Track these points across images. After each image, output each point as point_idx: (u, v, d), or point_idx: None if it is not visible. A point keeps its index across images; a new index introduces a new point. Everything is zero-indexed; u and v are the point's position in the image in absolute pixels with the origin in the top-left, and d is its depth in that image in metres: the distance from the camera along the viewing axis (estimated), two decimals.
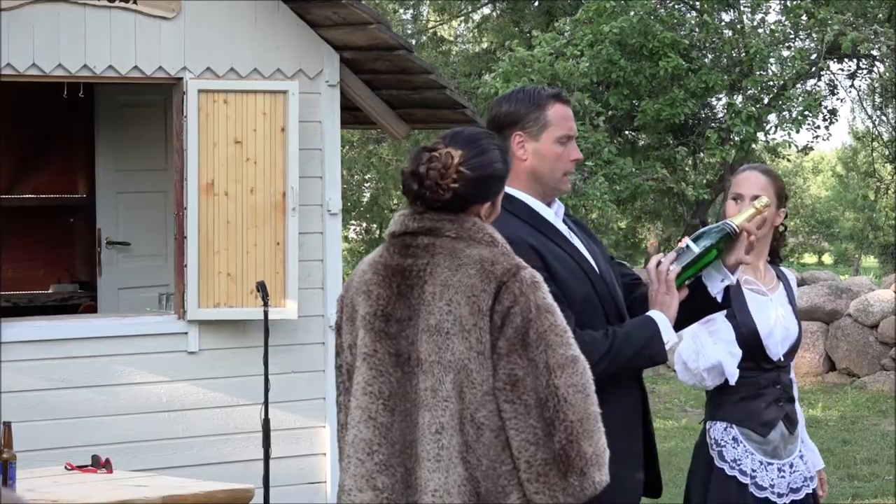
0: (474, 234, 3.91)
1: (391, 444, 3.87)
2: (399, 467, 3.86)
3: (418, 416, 3.84)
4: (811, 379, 15.08)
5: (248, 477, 7.48)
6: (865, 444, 11.88)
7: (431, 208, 3.91)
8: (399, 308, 3.90)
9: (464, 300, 3.82)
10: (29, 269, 11.04)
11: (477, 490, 3.79)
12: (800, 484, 5.29)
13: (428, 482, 3.80)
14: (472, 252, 3.87)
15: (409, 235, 3.94)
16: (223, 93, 8.77)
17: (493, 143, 4.01)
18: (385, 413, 3.89)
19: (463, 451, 3.79)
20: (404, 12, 25.70)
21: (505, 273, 3.82)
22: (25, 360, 8.39)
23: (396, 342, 3.89)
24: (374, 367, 3.91)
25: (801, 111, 18.36)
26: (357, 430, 3.93)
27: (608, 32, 17.23)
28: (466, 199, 3.91)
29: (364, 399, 3.92)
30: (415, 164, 3.90)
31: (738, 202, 5.22)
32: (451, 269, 3.86)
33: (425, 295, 3.86)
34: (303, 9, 8.98)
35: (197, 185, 8.71)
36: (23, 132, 10.61)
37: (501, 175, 3.98)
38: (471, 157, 3.90)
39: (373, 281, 3.95)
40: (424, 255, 3.90)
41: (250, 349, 8.47)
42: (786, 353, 5.27)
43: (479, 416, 3.80)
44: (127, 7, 8.57)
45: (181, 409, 8.78)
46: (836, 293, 15.53)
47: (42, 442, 7.93)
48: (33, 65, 8.34)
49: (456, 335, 3.81)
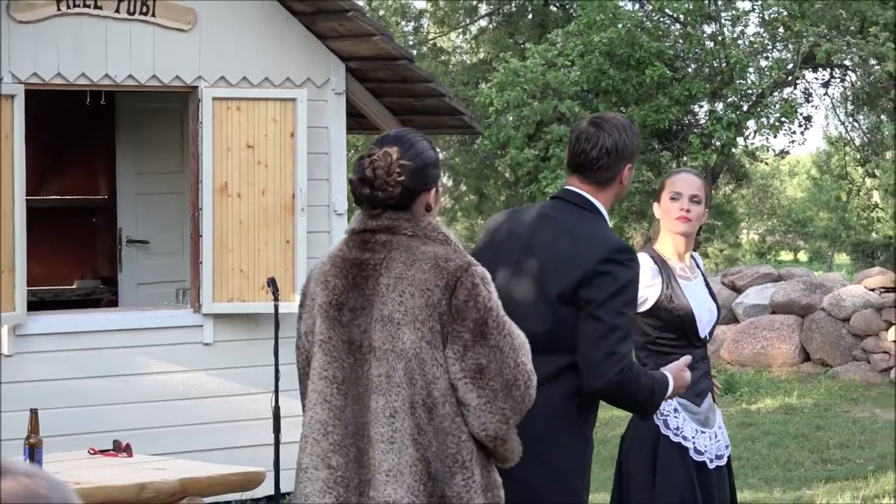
0: (429, 232, 3.93)
1: (344, 425, 3.90)
2: (352, 447, 3.89)
3: (370, 401, 3.87)
4: (787, 369, 15.08)
5: (260, 460, 7.48)
6: (838, 429, 11.88)
7: (386, 207, 3.93)
8: (353, 298, 3.92)
9: (417, 293, 3.84)
10: (54, 265, 11.05)
11: (428, 470, 3.82)
12: (722, 451, 5.45)
13: (382, 462, 3.83)
14: (426, 249, 3.89)
15: (369, 233, 3.96)
16: (236, 100, 8.77)
17: (417, 136, 4.08)
18: (339, 396, 3.92)
19: (414, 434, 3.82)
20: (406, 25, 25.68)
21: (458, 269, 3.84)
22: (51, 350, 8.40)
23: (349, 330, 3.92)
24: (328, 353, 3.94)
25: (778, 117, 18.36)
26: (313, 412, 3.97)
27: (598, 43, 17.22)
28: (413, 189, 3.93)
29: (320, 383, 3.95)
30: (360, 172, 3.93)
31: (676, 200, 5.42)
32: (406, 263, 3.88)
33: (379, 286, 3.89)
34: (311, 21, 8.98)
35: (211, 187, 8.71)
36: (48, 137, 10.61)
37: (435, 161, 4.04)
38: (405, 151, 3.95)
39: (331, 272, 3.98)
40: (382, 251, 3.93)
41: (261, 341, 8.48)
42: (710, 331, 5.47)
43: (430, 401, 3.82)
44: (146, 20, 8.57)
45: (197, 397, 8.78)
46: (810, 288, 15.52)
47: (66, 428, 7.93)
48: (58, 74, 8.34)
49: (407, 325, 3.83)
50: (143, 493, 5.74)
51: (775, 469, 10.09)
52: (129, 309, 9.77)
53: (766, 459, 10.42)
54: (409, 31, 25.60)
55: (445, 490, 3.82)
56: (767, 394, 13.71)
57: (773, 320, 15.54)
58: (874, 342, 14.82)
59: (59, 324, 8.55)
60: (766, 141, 19.62)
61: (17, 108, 8.15)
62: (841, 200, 26.63)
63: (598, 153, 4.55)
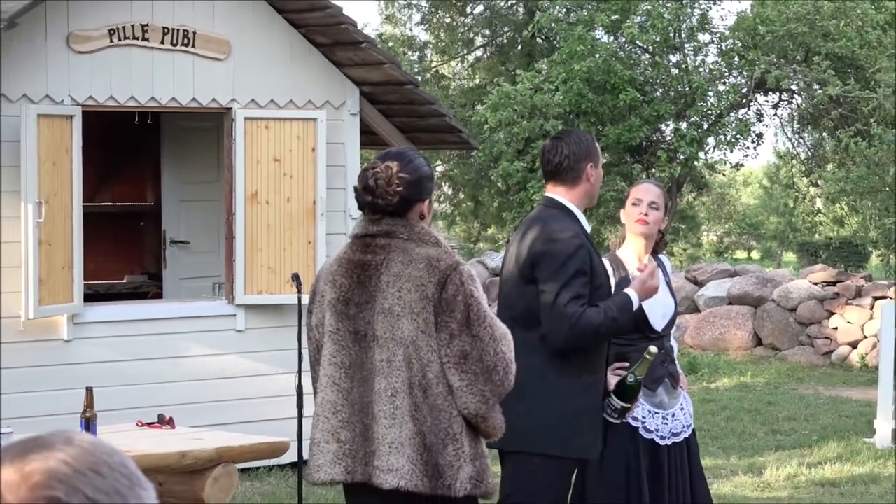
0: (423, 236, 3.94)
1: (351, 404, 3.91)
2: (358, 423, 3.90)
3: (374, 382, 3.87)
4: (742, 352, 15.06)
5: (285, 431, 7.47)
6: (786, 405, 11.87)
7: (385, 213, 3.93)
8: (358, 294, 3.93)
9: (413, 288, 3.85)
10: (107, 263, 11.05)
11: (424, 442, 3.83)
12: (679, 430, 5.45)
13: (385, 436, 3.84)
14: (420, 251, 3.90)
15: (370, 237, 3.97)
16: (265, 120, 8.76)
17: (415, 153, 4.08)
18: (346, 380, 3.93)
19: (412, 411, 3.83)
20: (412, 54, 25.66)
21: (448, 268, 3.86)
22: (104, 336, 8.40)
23: (355, 322, 3.92)
24: (337, 343, 3.95)
25: (734, 135, 18.32)
26: (324, 393, 3.97)
27: (578, 71, 17.20)
28: (409, 199, 3.94)
29: (329, 368, 3.95)
30: (363, 181, 3.95)
31: (637, 205, 5.44)
32: (403, 263, 3.89)
33: (381, 284, 3.89)
34: (330, 51, 8.98)
35: (243, 195, 8.71)
36: (103, 152, 10.61)
37: (430, 175, 4.05)
38: (404, 165, 3.95)
39: (338, 272, 3.98)
40: (381, 253, 3.93)
41: (286, 328, 8.47)
42: (666, 325, 5.46)
43: (425, 382, 3.84)
44: (187, 50, 8.56)
45: (230, 377, 8.78)
46: (762, 282, 15.51)
47: (117, 403, 7.93)
48: (111, 97, 8.34)
49: (405, 317, 3.84)
50: (183, 459, 5.74)
51: (732, 439, 10.08)
52: (172, 301, 9.77)
53: (723, 431, 10.41)
54: (414, 59, 25.57)
55: (439, 459, 3.83)
56: (725, 374, 13.71)
57: (730, 310, 15.53)
58: (817, 329, 14.82)
59: (112, 313, 8.55)
60: (723, 155, 19.64)
61: (75, 126, 8.14)
62: (788, 207, 26.60)
63: (560, 158, 4.68)
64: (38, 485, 1.27)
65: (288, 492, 8.29)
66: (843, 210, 20.57)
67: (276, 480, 8.64)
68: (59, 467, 1.29)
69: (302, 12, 8.80)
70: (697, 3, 18.64)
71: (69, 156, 8.10)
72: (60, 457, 1.30)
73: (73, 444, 1.31)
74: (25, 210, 7.92)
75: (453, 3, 24.96)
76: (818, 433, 10.35)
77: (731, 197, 36.31)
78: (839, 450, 9.62)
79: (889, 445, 9.70)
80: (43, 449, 1.31)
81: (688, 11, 18.37)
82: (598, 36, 18.61)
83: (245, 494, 8.18)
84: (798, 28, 17.15)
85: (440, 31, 25.59)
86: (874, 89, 16.36)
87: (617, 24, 18.06)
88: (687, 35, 18.53)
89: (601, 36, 18.76)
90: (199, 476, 5.78)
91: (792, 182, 22.94)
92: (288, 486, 8.43)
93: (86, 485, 1.28)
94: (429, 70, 25.41)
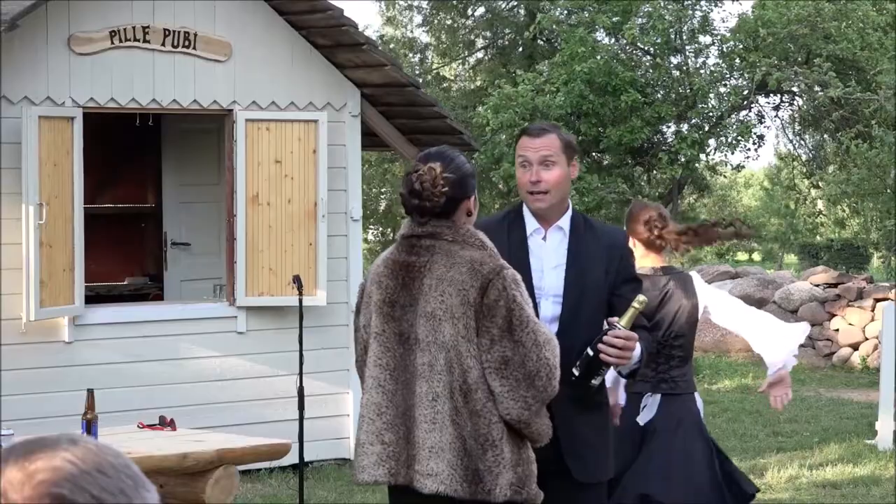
0: (467, 238, 3.90)
1: (395, 407, 3.89)
2: (401, 426, 3.88)
3: (416, 386, 3.86)
4: (744, 354, 15.06)
5: (286, 433, 7.48)
6: (788, 406, 11.83)
7: (433, 216, 3.91)
8: (403, 296, 3.90)
9: (455, 292, 3.82)
10: (108, 264, 11.04)
11: (464, 447, 3.81)
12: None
13: (425, 440, 3.82)
14: (464, 253, 3.86)
15: (415, 238, 3.93)
16: (266, 121, 8.77)
17: (455, 151, 4.04)
18: (391, 381, 3.91)
19: (453, 415, 3.81)
20: (413, 56, 25.67)
21: (491, 272, 3.82)
22: (105, 338, 8.40)
23: (400, 324, 3.90)
24: (382, 344, 3.93)
25: (735, 137, 18.34)
26: (369, 395, 3.95)
27: (579, 72, 17.21)
28: (456, 198, 3.91)
29: (375, 370, 3.93)
30: (409, 186, 3.90)
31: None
32: (447, 266, 3.85)
33: (424, 286, 3.87)
34: (331, 53, 8.99)
35: (244, 197, 8.71)
36: (103, 154, 10.61)
37: (472, 172, 4.01)
38: (447, 165, 3.91)
39: (384, 273, 3.96)
40: (426, 254, 3.90)
41: (288, 330, 8.48)
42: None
43: (466, 387, 3.81)
44: (188, 52, 8.57)
45: (232, 379, 8.78)
46: (763, 284, 15.51)
47: (119, 405, 7.93)
48: (111, 99, 8.35)
49: (447, 321, 3.82)
50: (184, 461, 5.75)
51: (733, 441, 10.08)
52: (173, 302, 9.78)
53: (725, 432, 10.41)
54: (415, 61, 25.58)
55: (478, 464, 3.80)
56: (726, 376, 13.71)
57: None
58: (819, 331, 14.81)
59: (113, 315, 8.55)
60: (724, 157, 19.63)
61: (76, 128, 8.15)
62: (789, 208, 26.61)
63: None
64: (44, 482, 1.28)
65: (289, 493, 8.29)
66: (844, 212, 20.59)
67: (277, 482, 8.64)
68: (64, 466, 1.29)
69: (303, 14, 8.80)
70: (698, 5, 18.65)
71: (70, 157, 8.10)
72: (66, 456, 1.30)
73: (78, 445, 1.32)
74: (26, 212, 7.92)
75: (454, 4, 24.98)
76: (819, 435, 10.35)
77: (733, 199, 36.32)
78: (840, 451, 9.63)
79: (890, 447, 9.70)
80: (48, 448, 1.31)
81: (689, 13, 18.38)
82: (600, 37, 18.63)
83: (246, 496, 8.19)
84: (799, 30, 17.16)
85: (441, 32, 25.60)
86: (875, 91, 16.37)
87: (618, 25, 18.07)
88: (688, 37, 18.54)
89: (602, 37, 18.77)
90: (200, 478, 5.79)
91: (793, 184, 22.96)
92: (289, 487, 8.44)
93: (91, 484, 1.29)
94: (430, 72, 25.42)
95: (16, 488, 1.28)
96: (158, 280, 11.06)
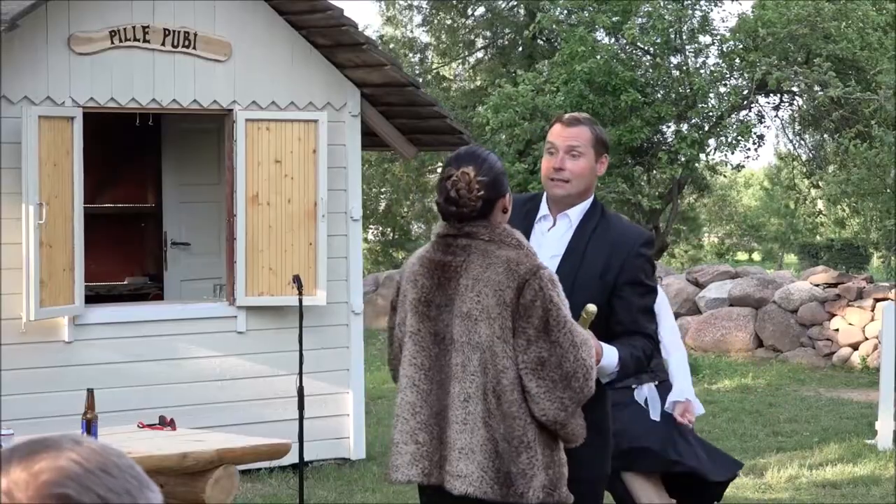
0: (504, 237, 3.87)
1: (430, 406, 3.87)
2: (435, 426, 3.86)
3: (449, 386, 3.84)
4: (743, 354, 15.07)
5: (286, 433, 7.48)
6: (787, 406, 11.88)
7: (471, 219, 3.88)
8: (438, 296, 3.88)
9: (491, 292, 3.79)
10: (108, 264, 11.05)
11: (496, 449, 3.78)
12: None
13: (456, 441, 3.80)
14: (501, 253, 3.83)
15: (451, 237, 3.90)
16: (266, 121, 8.77)
17: (484, 151, 3.99)
18: (426, 381, 3.88)
19: (485, 417, 3.78)
20: (413, 56, 25.67)
21: (528, 272, 3.78)
22: (105, 338, 8.41)
23: (435, 324, 3.88)
24: (417, 344, 3.90)
25: (735, 136, 18.34)
26: (404, 394, 3.93)
27: (579, 72, 17.21)
28: (491, 199, 3.87)
29: (410, 369, 3.91)
30: (444, 193, 3.86)
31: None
32: (483, 266, 3.82)
33: (460, 286, 3.84)
34: (330, 53, 8.99)
35: (244, 197, 8.72)
36: (103, 154, 10.62)
37: (503, 170, 3.96)
38: (479, 167, 3.87)
39: (419, 272, 3.93)
40: (462, 254, 3.86)
41: (287, 329, 8.48)
42: None
43: (499, 388, 3.78)
44: (188, 52, 8.57)
45: (231, 378, 8.79)
46: (763, 284, 15.51)
47: (119, 405, 7.94)
48: (111, 99, 8.35)
49: (483, 321, 3.79)
50: (184, 461, 5.75)
51: (733, 440, 10.09)
52: (173, 302, 9.78)
53: (724, 432, 10.42)
54: (415, 61, 25.58)
55: (511, 467, 3.78)
56: (726, 375, 13.71)
57: (731, 312, 15.54)
58: (818, 331, 14.83)
59: (113, 315, 8.56)
60: (724, 157, 19.62)
61: (76, 128, 8.16)
62: (789, 208, 26.62)
63: None
64: (49, 482, 1.28)
65: (289, 493, 8.30)
66: (844, 212, 20.58)
67: (277, 482, 8.65)
68: (69, 466, 1.29)
69: (303, 14, 8.81)
70: (698, 5, 18.65)
71: (70, 157, 8.11)
72: (71, 456, 1.31)
73: (82, 445, 1.32)
74: (26, 212, 7.93)
75: (454, 4, 24.98)
76: (819, 435, 10.36)
77: (732, 198, 36.30)
78: (840, 451, 9.63)
79: (890, 447, 9.71)
80: (52, 449, 1.32)
81: (689, 13, 18.38)
82: (599, 37, 18.62)
83: (246, 496, 8.19)
84: (799, 30, 17.16)
85: (441, 32, 25.60)
86: (875, 91, 16.37)
87: (618, 25, 18.07)
88: (688, 37, 18.53)
89: (602, 37, 18.77)
90: (199, 477, 5.79)
91: (793, 184, 22.94)
92: (289, 487, 8.44)
93: (97, 484, 1.29)
94: (430, 72, 25.41)
95: (20, 488, 1.28)
96: (158, 280, 11.06)
